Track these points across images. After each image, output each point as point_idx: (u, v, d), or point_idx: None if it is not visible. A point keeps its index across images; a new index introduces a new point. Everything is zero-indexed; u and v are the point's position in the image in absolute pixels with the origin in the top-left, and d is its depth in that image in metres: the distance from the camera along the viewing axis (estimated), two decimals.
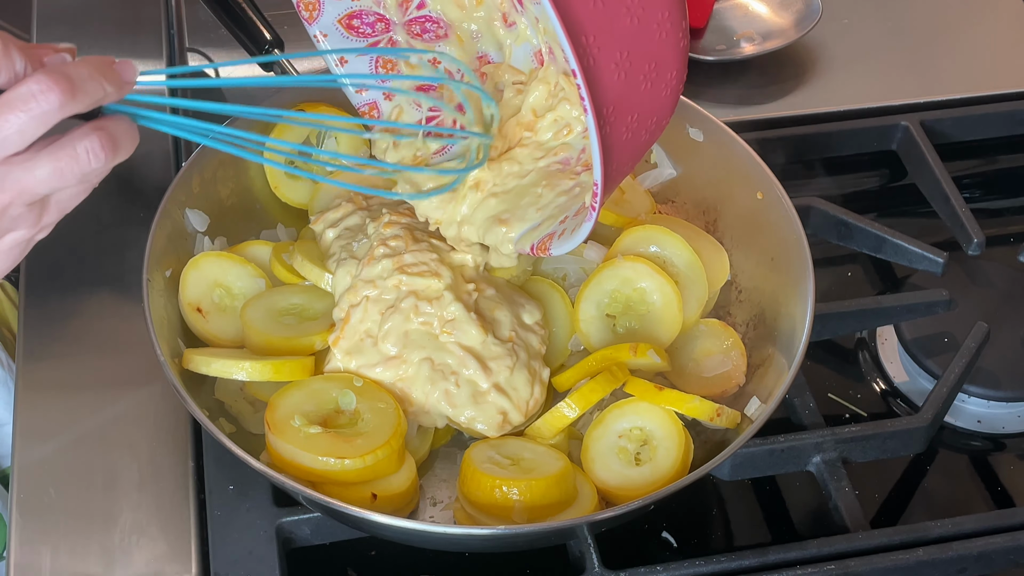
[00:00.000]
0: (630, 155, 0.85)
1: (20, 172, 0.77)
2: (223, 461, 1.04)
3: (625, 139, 0.82)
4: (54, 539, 1.00)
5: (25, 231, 0.81)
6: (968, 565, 1.01)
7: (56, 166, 0.78)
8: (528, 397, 1.02)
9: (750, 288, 1.13)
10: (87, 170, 0.79)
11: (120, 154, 0.81)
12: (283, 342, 1.03)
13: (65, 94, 0.75)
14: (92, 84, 0.77)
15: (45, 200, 0.81)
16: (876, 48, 1.49)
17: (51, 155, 0.78)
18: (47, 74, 0.75)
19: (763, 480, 1.11)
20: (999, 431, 1.16)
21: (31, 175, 0.77)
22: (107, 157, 0.79)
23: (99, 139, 0.79)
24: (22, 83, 0.75)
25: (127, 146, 0.81)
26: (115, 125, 0.80)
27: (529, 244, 0.96)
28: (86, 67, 0.77)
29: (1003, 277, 1.25)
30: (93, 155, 0.78)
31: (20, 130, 0.75)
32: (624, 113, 0.81)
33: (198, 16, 1.45)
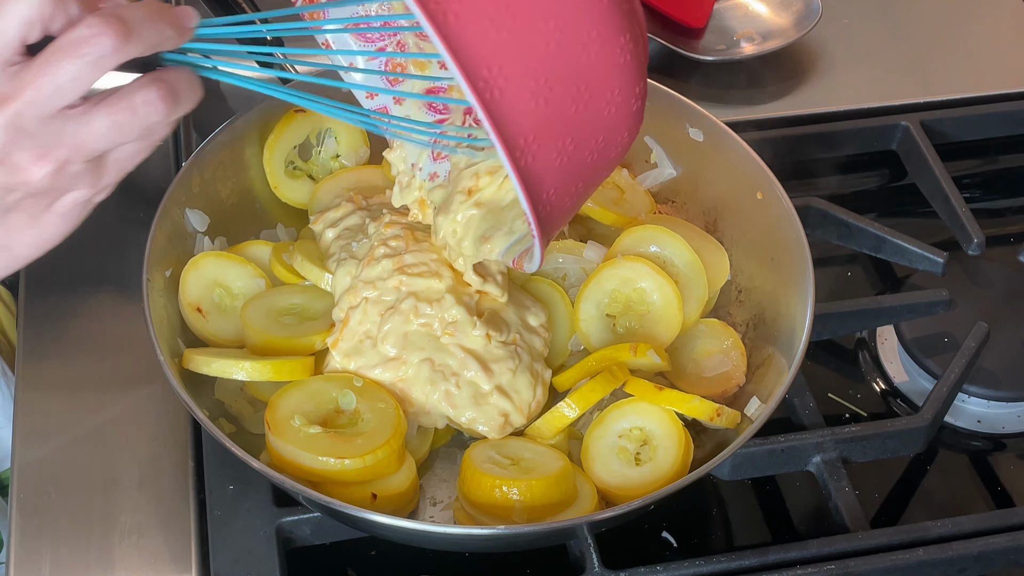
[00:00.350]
0: (575, 177, 0.81)
1: (76, 126, 0.73)
2: (223, 461, 1.04)
3: (560, 164, 0.78)
4: (54, 539, 1.00)
5: (84, 191, 0.77)
6: (968, 565, 1.01)
7: (114, 119, 0.74)
8: (530, 400, 1.02)
9: (750, 288, 1.13)
10: (146, 123, 0.75)
11: (181, 106, 0.76)
12: (283, 342, 1.03)
13: (119, 37, 0.71)
14: (149, 27, 0.73)
15: (103, 157, 0.77)
16: (876, 48, 1.49)
17: (108, 107, 0.74)
18: (99, 17, 0.72)
19: (763, 480, 1.11)
20: (999, 431, 1.16)
21: (88, 129, 0.73)
22: (167, 109, 0.75)
23: (157, 90, 0.75)
24: (75, 27, 0.71)
25: (188, 98, 0.77)
26: (175, 75, 0.76)
27: (511, 258, 0.95)
28: (142, 9, 0.74)
29: (1003, 277, 1.25)
30: (152, 107, 0.75)
31: (74, 77, 0.71)
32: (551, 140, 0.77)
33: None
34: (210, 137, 1.11)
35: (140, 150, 0.78)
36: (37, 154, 0.73)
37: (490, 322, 1.02)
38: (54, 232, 0.80)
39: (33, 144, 0.73)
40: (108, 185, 0.79)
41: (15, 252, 0.80)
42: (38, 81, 0.71)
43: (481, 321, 1.02)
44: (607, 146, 0.82)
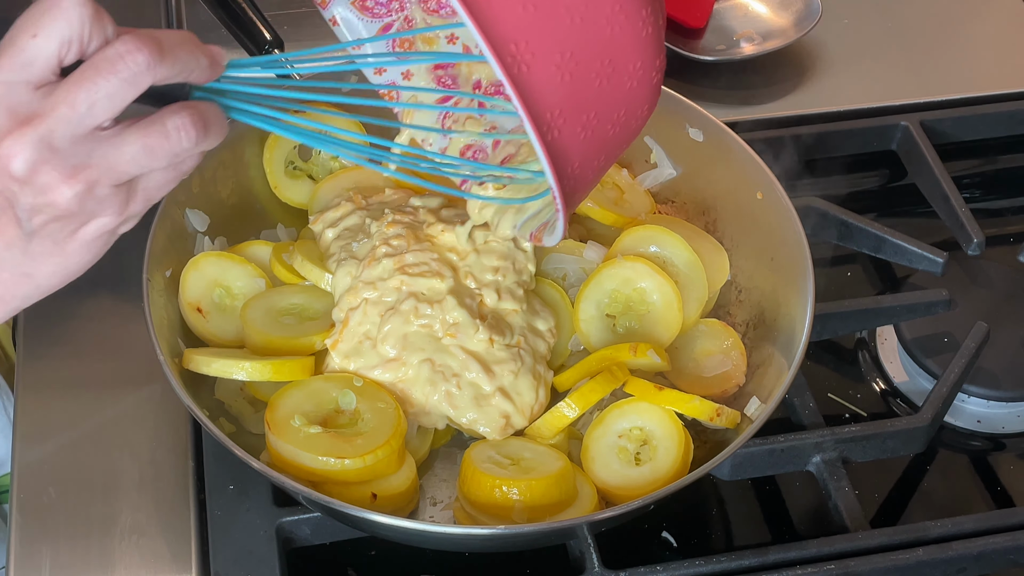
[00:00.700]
0: (598, 151, 0.82)
1: (108, 148, 0.72)
2: (223, 461, 1.04)
3: (584, 138, 0.79)
4: (54, 539, 1.00)
5: (110, 218, 0.76)
6: (968, 565, 1.01)
7: (145, 142, 0.73)
8: (532, 402, 1.02)
9: (750, 288, 1.13)
10: (177, 149, 0.74)
11: (211, 137, 0.76)
12: (283, 342, 1.03)
13: (154, 55, 0.71)
14: (183, 51, 0.73)
15: (132, 184, 0.76)
16: (876, 48, 1.49)
17: (140, 131, 0.73)
18: (134, 35, 0.71)
19: (763, 480, 1.11)
20: (999, 431, 1.16)
21: (119, 152, 0.73)
22: (198, 136, 0.74)
23: (190, 116, 0.74)
24: (109, 46, 0.71)
25: (217, 130, 0.76)
26: (205, 106, 0.76)
27: (529, 232, 0.95)
28: (177, 35, 0.74)
29: (1003, 277, 1.25)
30: (185, 132, 0.74)
31: (108, 95, 0.71)
32: (576, 114, 0.78)
33: (198, 16, 1.45)
34: None
35: (168, 180, 0.78)
36: (66, 174, 0.72)
37: (493, 326, 1.02)
38: (77, 261, 0.78)
39: (63, 163, 0.72)
40: (134, 215, 0.78)
41: (37, 281, 0.79)
42: (71, 98, 0.71)
43: (484, 325, 1.02)
44: (628, 119, 0.82)
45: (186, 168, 0.78)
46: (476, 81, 1.04)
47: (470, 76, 1.05)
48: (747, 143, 1.13)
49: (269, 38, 1.24)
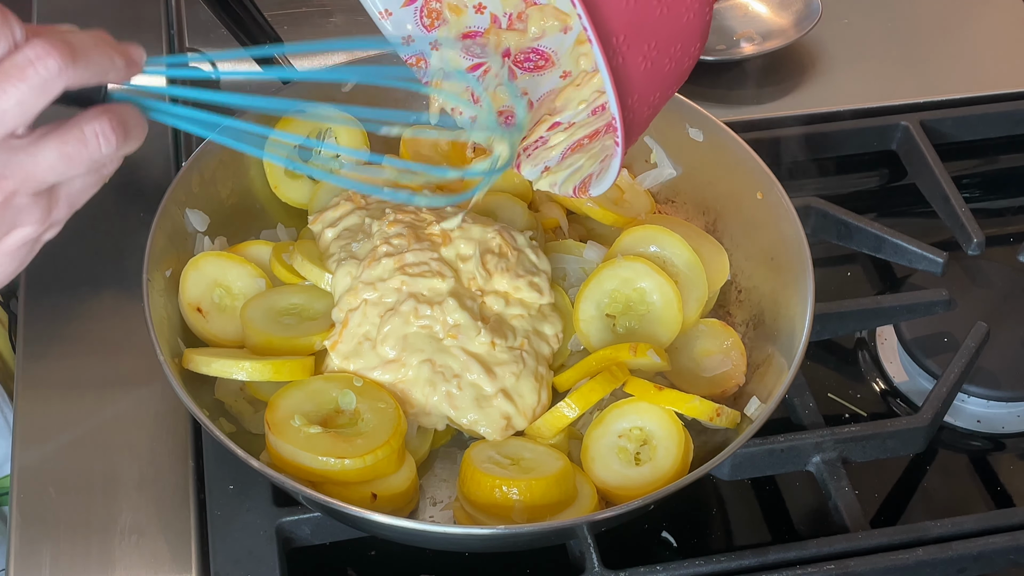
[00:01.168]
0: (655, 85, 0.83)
1: (24, 157, 0.71)
2: (223, 461, 1.04)
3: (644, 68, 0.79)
4: (54, 539, 1.00)
5: (32, 228, 0.74)
6: (968, 565, 1.01)
7: (63, 150, 0.71)
8: (534, 404, 1.02)
9: (750, 288, 1.13)
10: (96, 156, 0.73)
11: (130, 141, 0.74)
12: (283, 342, 1.03)
13: (65, 58, 0.69)
14: (96, 53, 0.71)
15: (53, 192, 0.74)
16: (876, 48, 1.49)
17: (57, 138, 0.71)
18: (44, 39, 0.69)
19: (763, 480, 1.11)
20: (999, 431, 1.16)
21: (35, 160, 0.71)
22: (117, 141, 0.73)
23: (109, 121, 0.72)
24: (18, 50, 0.69)
25: (137, 133, 0.75)
26: (122, 108, 0.74)
27: (571, 187, 0.94)
28: (90, 37, 0.72)
29: (1003, 277, 1.25)
30: (103, 138, 0.72)
31: (19, 102, 0.68)
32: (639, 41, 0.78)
33: (198, 16, 1.45)
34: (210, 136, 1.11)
35: (89, 185, 0.76)
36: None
37: (495, 329, 1.02)
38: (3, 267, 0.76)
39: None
40: (57, 222, 0.76)
41: None
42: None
43: (486, 328, 1.02)
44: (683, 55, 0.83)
45: (107, 172, 0.76)
46: (505, 50, 1.03)
47: (499, 45, 1.04)
48: (747, 143, 1.13)
49: (269, 38, 1.24)
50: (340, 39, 0.99)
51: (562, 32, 1.04)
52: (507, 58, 1.03)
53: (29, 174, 0.71)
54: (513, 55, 1.05)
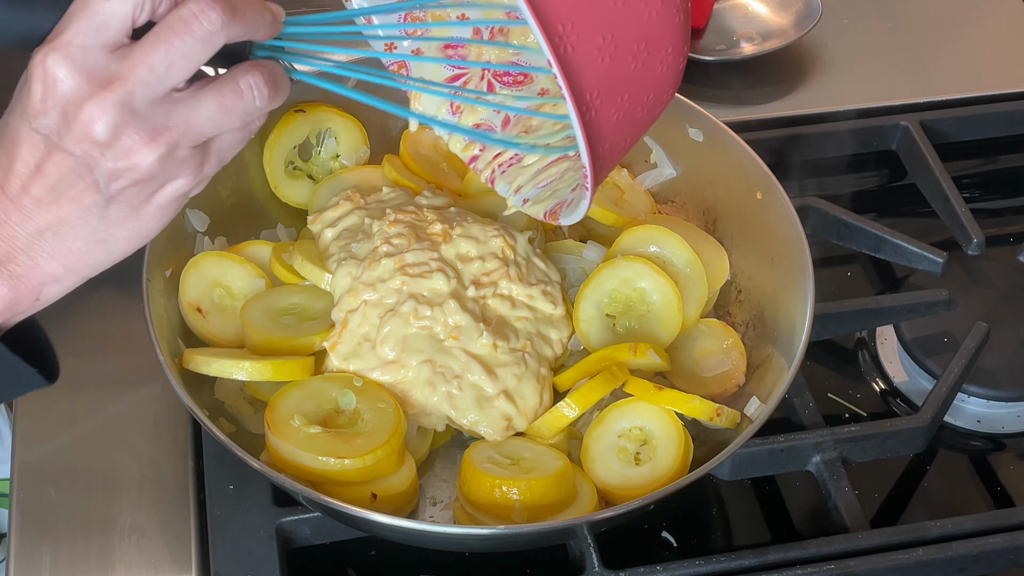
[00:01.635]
0: (626, 131, 0.85)
1: (185, 109, 0.73)
2: (223, 461, 1.04)
3: (616, 119, 0.82)
4: (54, 539, 1.00)
5: (186, 180, 0.76)
6: (968, 565, 1.01)
7: (221, 102, 0.74)
8: (536, 406, 1.02)
9: (750, 288, 1.13)
10: (251, 107, 0.75)
11: (279, 94, 0.77)
12: (283, 342, 1.03)
13: (226, 13, 0.71)
14: (251, 8, 0.74)
15: (207, 146, 0.76)
16: (876, 48, 1.49)
17: (215, 90, 0.74)
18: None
19: (763, 480, 1.11)
20: (999, 431, 1.16)
21: (196, 112, 0.73)
22: (270, 93, 0.75)
23: (261, 74, 0.75)
24: (181, 6, 0.71)
25: (284, 87, 0.77)
26: (272, 65, 0.77)
27: (543, 211, 0.95)
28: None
29: (1003, 277, 1.25)
30: (258, 91, 0.75)
31: (185, 55, 0.71)
32: (612, 95, 0.80)
33: None
34: None
35: (239, 140, 0.78)
36: (148, 137, 0.72)
37: (497, 331, 1.02)
38: (151, 226, 0.79)
39: (144, 126, 0.72)
40: (207, 176, 0.79)
41: (110, 247, 0.79)
42: (149, 60, 0.71)
43: (488, 330, 1.02)
44: (655, 103, 0.85)
45: (254, 128, 0.79)
46: (487, 61, 1.04)
47: (480, 56, 1.05)
48: (747, 143, 1.13)
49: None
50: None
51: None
52: (487, 71, 1.04)
53: (191, 126, 0.74)
54: (492, 69, 1.05)
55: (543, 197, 0.96)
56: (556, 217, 0.93)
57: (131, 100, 0.71)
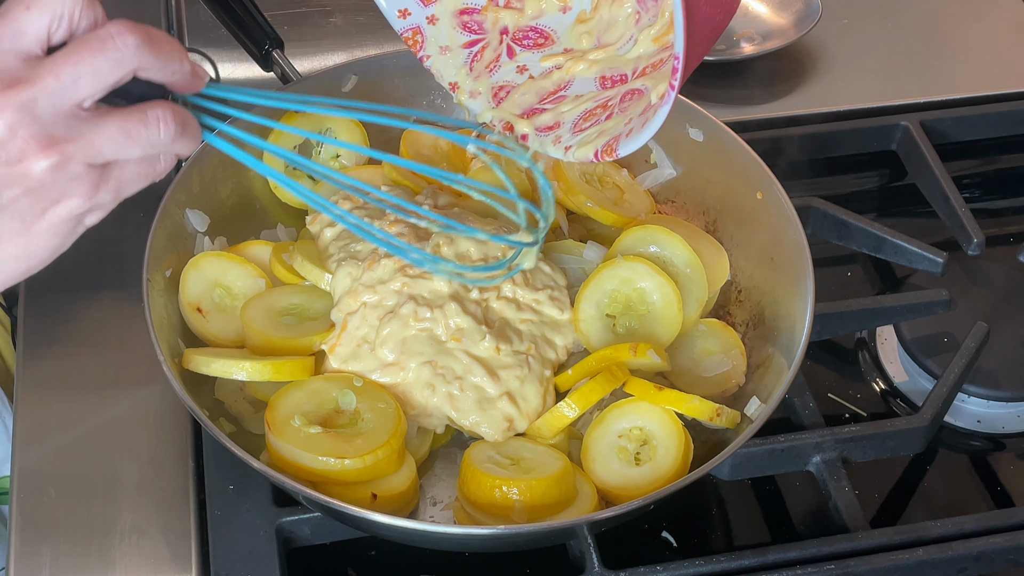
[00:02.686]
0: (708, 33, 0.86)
1: (86, 125, 0.73)
2: (223, 461, 1.04)
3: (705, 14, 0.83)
4: (54, 539, 1.00)
5: (79, 201, 0.75)
6: (968, 565, 1.01)
7: (124, 126, 0.74)
8: (539, 408, 1.02)
9: (750, 288, 1.13)
10: (154, 139, 0.75)
11: (187, 139, 0.77)
12: (283, 342, 1.03)
13: (142, 40, 0.73)
14: (169, 48, 0.75)
15: (106, 170, 0.76)
16: (876, 48, 1.49)
17: (121, 114, 0.74)
18: (127, 22, 0.73)
19: (763, 480, 1.11)
20: (999, 431, 1.16)
21: (97, 131, 0.73)
22: (176, 131, 0.76)
23: (171, 111, 0.76)
24: (102, 26, 0.73)
25: (193, 134, 0.78)
26: (185, 111, 0.77)
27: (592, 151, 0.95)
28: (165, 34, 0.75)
29: (1003, 277, 1.25)
30: (164, 124, 0.75)
31: (95, 71, 0.72)
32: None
33: (198, 16, 1.45)
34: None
35: (141, 175, 0.78)
36: (43, 144, 0.72)
37: (500, 334, 1.02)
38: (42, 245, 0.77)
39: (41, 132, 0.72)
40: (103, 204, 0.78)
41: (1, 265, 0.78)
42: (58, 69, 0.72)
43: (491, 333, 1.02)
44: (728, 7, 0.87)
45: (160, 169, 0.78)
46: (503, 28, 1.04)
47: (496, 23, 1.05)
48: (747, 143, 1.13)
49: (269, 38, 1.24)
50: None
51: (561, 12, 1.05)
52: (505, 35, 1.04)
53: (89, 142, 0.74)
54: (512, 33, 1.05)
55: (589, 139, 0.96)
56: (612, 152, 0.93)
57: (33, 104, 0.71)
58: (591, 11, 1.06)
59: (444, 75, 1.04)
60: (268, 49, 1.24)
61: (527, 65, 1.06)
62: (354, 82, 1.19)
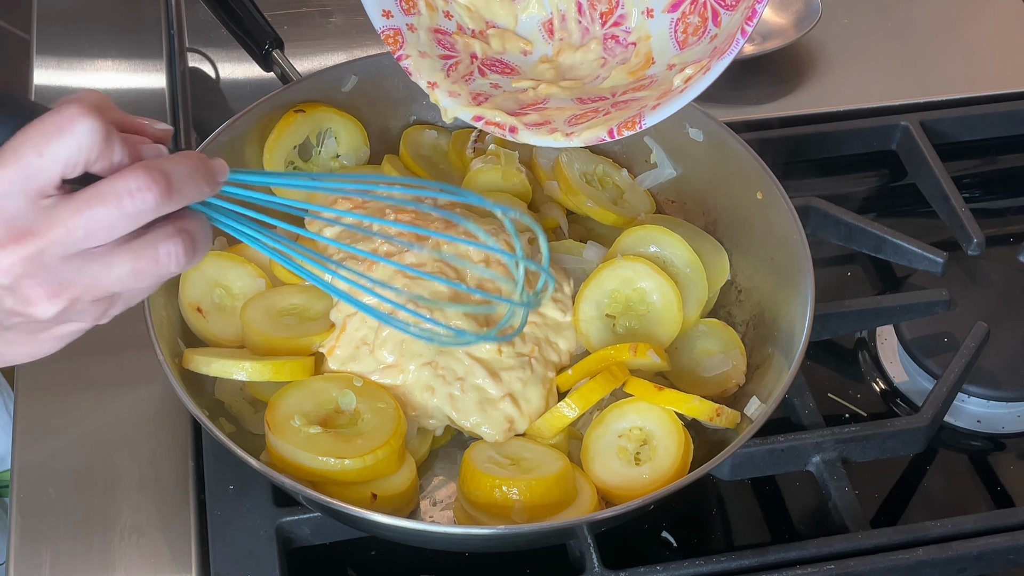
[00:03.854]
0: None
1: (98, 268, 0.71)
2: (223, 461, 1.04)
3: None
4: (54, 539, 1.00)
5: (87, 324, 0.76)
6: (968, 565, 1.01)
7: (135, 266, 0.72)
8: (541, 409, 1.02)
9: (750, 288, 1.13)
10: (165, 272, 0.74)
11: (197, 257, 0.75)
12: (283, 342, 1.03)
13: (162, 196, 0.70)
14: (189, 185, 0.72)
15: (114, 295, 0.76)
16: (876, 48, 1.49)
17: (132, 253, 0.72)
18: (146, 171, 0.70)
19: (763, 480, 1.11)
20: (999, 431, 1.16)
21: (108, 272, 0.72)
22: (187, 262, 0.74)
23: (183, 243, 0.73)
24: (120, 177, 0.70)
25: (204, 249, 0.76)
26: (196, 226, 0.75)
27: (598, 136, 0.94)
28: (185, 164, 0.72)
29: (1003, 277, 1.25)
30: (175, 259, 0.73)
31: (108, 226, 0.70)
32: None
33: (198, 16, 1.45)
34: (210, 137, 1.11)
35: (149, 290, 0.77)
36: (51, 291, 0.72)
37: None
38: (49, 348, 0.78)
39: (49, 281, 0.71)
40: (111, 316, 0.78)
41: (6, 357, 0.79)
42: (71, 222, 0.69)
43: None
44: None
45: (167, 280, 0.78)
46: (472, 52, 1.06)
47: (467, 47, 1.07)
48: (747, 143, 1.13)
49: (269, 38, 1.24)
50: None
51: (522, 54, 1.06)
52: (475, 59, 1.04)
53: (98, 284, 0.73)
54: (480, 59, 1.06)
55: (594, 124, 0.96)
56: (635, 125, 0.92)
57: (42, 256, 0.70)
58: (553, 55, 1.07)
59: (422, 74, 1.05)
60: (268, 49, 1.24)
61: (500, 84, 1.06)
62: (354, 82, 1.19)
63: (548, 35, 1.06)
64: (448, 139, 1.22)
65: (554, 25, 1.07)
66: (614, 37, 1.06)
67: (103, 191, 0.70)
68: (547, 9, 1.07)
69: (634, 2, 1.06)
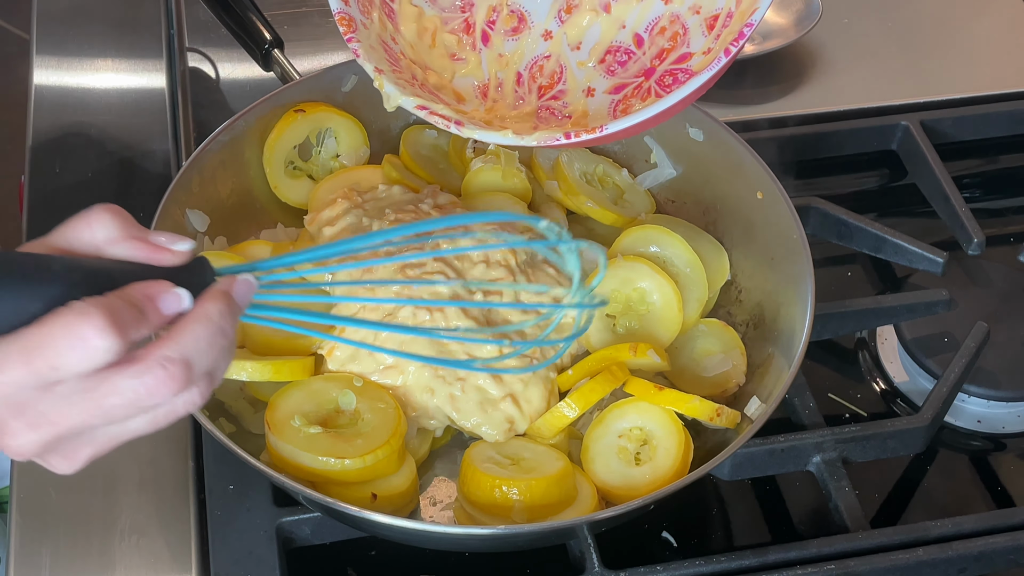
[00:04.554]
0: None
1: (116, 428, 0.71)
2: (223, 461, 1.04)
3: None
4: (54, 540, 1.00)
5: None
6: (968, 565, 1.01)
7: (153, 420, 0.71)
8: (542, 410, 1.02)
9: (750, 288, 1.13)
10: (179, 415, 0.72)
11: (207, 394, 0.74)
12: (283, 342, 1.03)
13: (179, 389, 0.69)
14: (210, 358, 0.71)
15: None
16: (876, 48, 1.49)
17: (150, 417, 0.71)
18: (172, 365, 0.68)
19: (763, 480, 1.11)
20: (999, 431, 1.16)
21: (124, 429, 0.71)
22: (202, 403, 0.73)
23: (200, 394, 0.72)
24: (145, 364, 0.68)
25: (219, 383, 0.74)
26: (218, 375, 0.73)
27: (559, 134, 0.93)
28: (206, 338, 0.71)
29: (1003, 277, 1.25)
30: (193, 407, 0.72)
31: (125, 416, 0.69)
32: None
33: (198, 16, 1.45)
34: (210, 137, 1.11)
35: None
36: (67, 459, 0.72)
37: (503, 337, 1.02)
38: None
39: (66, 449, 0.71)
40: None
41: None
42: (88, 412, 0.68)
43: (494, 335, 1.02)
44: None
45: None
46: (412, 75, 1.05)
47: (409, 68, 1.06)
48: (747, 143, 1.13)
49: (269, 38, 1.24)
50: None
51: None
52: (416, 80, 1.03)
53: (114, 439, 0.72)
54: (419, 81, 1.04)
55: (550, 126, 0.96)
56: (595, 129, 0.91)
57: (57, 441, 0.69)
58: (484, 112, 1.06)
59: (371, 59, 1.02)
60: (268, 49, 1.24)
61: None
62: (354, 82, 1.19)
63: (482, 97, 1.06)
64: (448, 139, 1.22)
65: (488, 90, 1.06)
66: (549, 108, 1.06)
67: (120, 387, 0.68)
68: (485, 75, 1.06)
69: (576, 80, 1.06)
